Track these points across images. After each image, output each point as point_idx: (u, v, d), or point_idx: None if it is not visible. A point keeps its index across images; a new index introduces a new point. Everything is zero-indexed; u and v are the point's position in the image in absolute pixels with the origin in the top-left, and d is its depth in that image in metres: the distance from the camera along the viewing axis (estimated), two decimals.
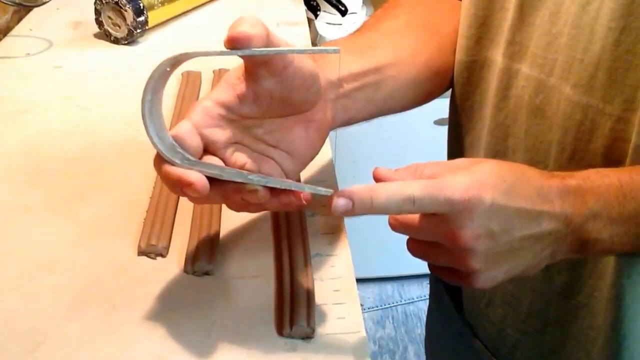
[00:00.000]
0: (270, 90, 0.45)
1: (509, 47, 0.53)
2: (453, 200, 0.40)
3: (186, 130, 0.44)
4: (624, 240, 0.44)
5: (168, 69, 0.43)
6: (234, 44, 0.42)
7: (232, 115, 0.46)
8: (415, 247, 0.46)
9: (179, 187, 0.43)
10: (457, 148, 0.64)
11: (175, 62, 0.43)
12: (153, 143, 0.43)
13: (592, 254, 0.45)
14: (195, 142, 0.44)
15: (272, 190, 0.44)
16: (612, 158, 0.48)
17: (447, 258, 0.44)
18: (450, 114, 0.64)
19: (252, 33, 0.42)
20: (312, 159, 0.50)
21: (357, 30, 0.60)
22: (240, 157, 0.46)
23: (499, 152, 0.57)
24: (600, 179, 0.44)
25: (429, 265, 0.47)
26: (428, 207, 0.41)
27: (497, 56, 0.55)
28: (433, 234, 0.43)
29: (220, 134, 0.45)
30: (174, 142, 0.44)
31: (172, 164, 0.43)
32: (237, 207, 0.47)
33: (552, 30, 0.49)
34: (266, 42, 0.43)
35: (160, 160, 0.43)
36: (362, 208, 0.41)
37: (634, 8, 0.43)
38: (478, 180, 0.41)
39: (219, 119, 0.45)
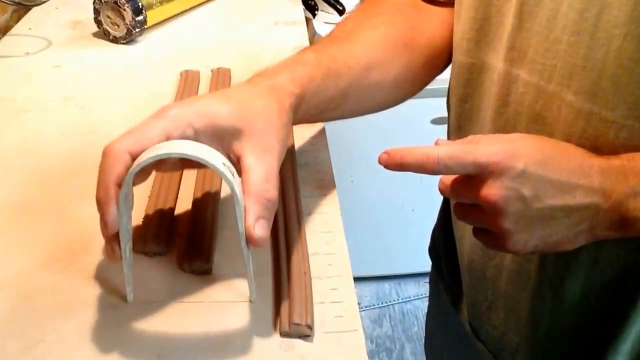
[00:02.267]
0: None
1: (508, 53, 0.53)
2: (480, 163, 0.43)
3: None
4: None
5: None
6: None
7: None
8: (459, 210, 0.49)
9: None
10: None
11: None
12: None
13: (635, 232, 0.45)
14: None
15: None
16: None
17: (483, 219, 0.46)
18: (449, 114, 0.65)
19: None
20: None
21: (337, 37, 0.61)
22: None
23: None
24: None
25: (473, 230, 0.50)
26: (455, 167, 0.44)
27: (496, 61, 0.55)
28: (469, 195, 0.46)
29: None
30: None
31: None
32: None
33: (550, 36, 0.49)
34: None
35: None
36: (395, 164, 0.46)
37: (636, 15, 0.43)
38: (512, 149, 0.44)
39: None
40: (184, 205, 0.60)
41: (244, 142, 0.47)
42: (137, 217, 0.58)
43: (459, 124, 0.61)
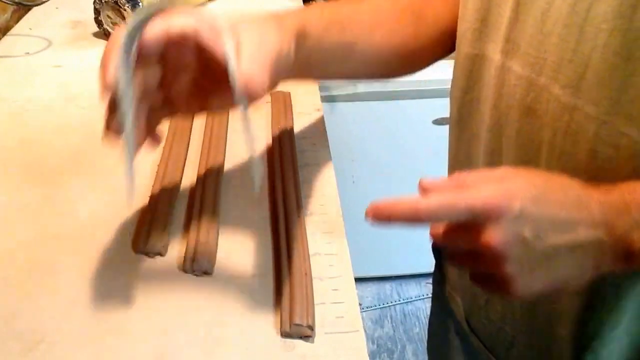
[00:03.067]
0: None
1: (505, 45, 0.53)
2: (475, 209, 0.41)
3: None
4: None
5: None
6: None
7: None
8: (456, 257, 0.47)
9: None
10: (457, 144, 0.65)
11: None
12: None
13: (638, 264, 0.43)
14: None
15: None
16: (596, 163, 0.47)
17: (484, 265, 0.43)
18: (451, 106, 0.65)
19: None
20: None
21: None
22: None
23: (494, 150, 0.57)
24: None
25: (470, 276, 0.47)
26: (448, 216, 0.42)
27: (494, 53, 0.55)
28: (467, 241, 0.43)
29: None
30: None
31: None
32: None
33: (543, 29, 0.49)
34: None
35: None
36: (383, 220, 0.43)
37: (623, 10, 0.43)
38: (506, 189, 0.42)
39: None
40: (184, 205, 0.60)
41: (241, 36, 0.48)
42: (137, 217, 0.58)
43: (460, 115, 0.62)
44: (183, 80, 0.50)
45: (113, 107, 0.44)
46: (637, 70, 0.44)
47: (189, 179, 0.63)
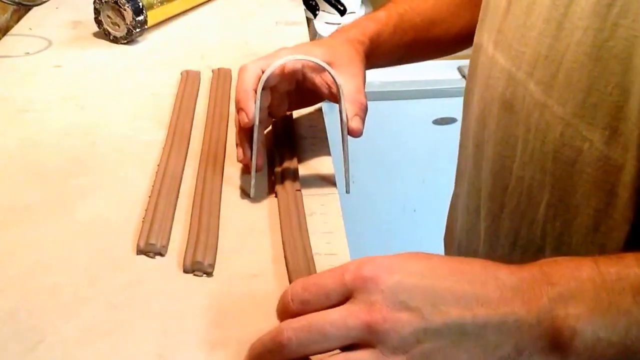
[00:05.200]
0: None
1: (496, 35, 0.54)
2: (345, 281, 0.36)
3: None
4: (612, 339, 0.34)
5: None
6: None
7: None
8: None
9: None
10: (461, 132, 0.67)
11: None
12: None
13: (575, 354, 0.34)
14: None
15: None
16: (560, 166, 0.47)
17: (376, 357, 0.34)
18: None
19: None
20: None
21: None
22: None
23: (480, 142, 0.58)
24: (569, 261, 0.37)
25: None
26: (316, 299, 0.37)
27: (488, 42, 0.56)
28: (345, 325, 0.35)
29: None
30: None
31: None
32: None
33: (527, 22, 0.49)
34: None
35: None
36: None
37: (599, 8, 0.42)
38: (384, 264, 0.37)
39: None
40: (184, 205, 0.60)
41: (336, 71, 0.58)
42: (137, 217, 0.58)
43: (464, 103, 0.64)
44: (284, 101, 0.64)
45: (246, 136, 0.59)
46: (603, 73, 0.42)
47: (189, 178, 0.63)
